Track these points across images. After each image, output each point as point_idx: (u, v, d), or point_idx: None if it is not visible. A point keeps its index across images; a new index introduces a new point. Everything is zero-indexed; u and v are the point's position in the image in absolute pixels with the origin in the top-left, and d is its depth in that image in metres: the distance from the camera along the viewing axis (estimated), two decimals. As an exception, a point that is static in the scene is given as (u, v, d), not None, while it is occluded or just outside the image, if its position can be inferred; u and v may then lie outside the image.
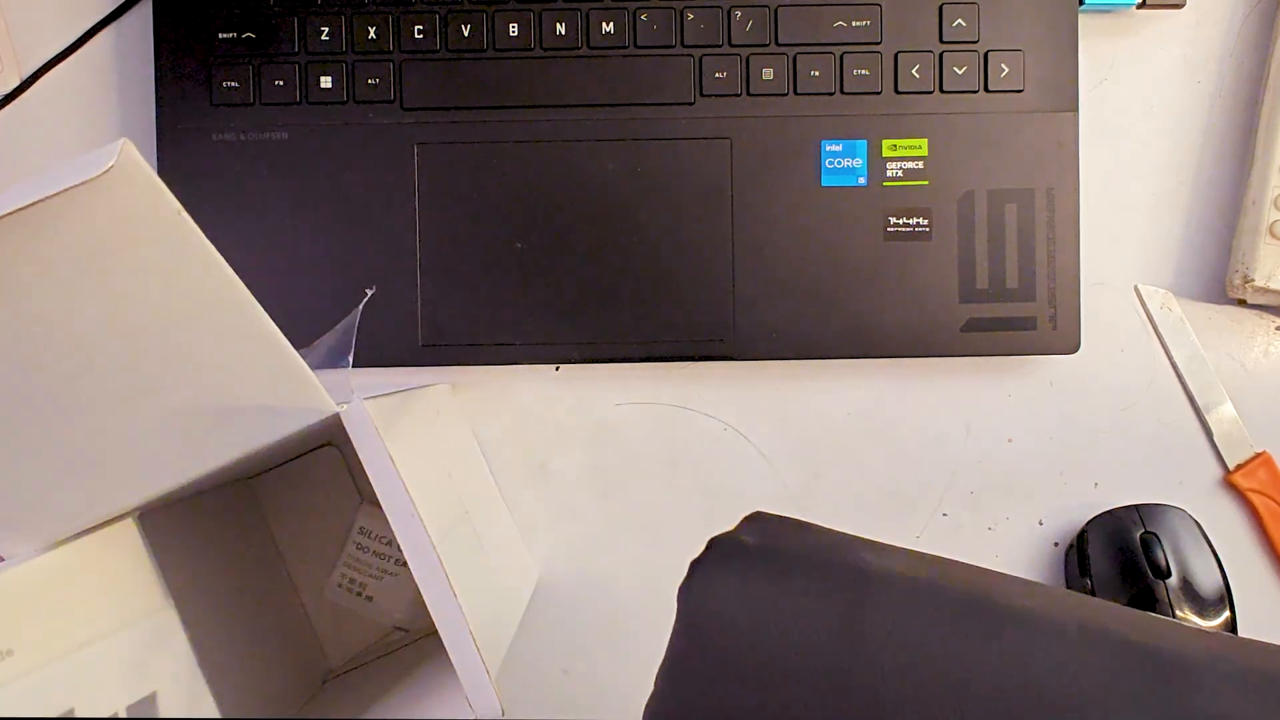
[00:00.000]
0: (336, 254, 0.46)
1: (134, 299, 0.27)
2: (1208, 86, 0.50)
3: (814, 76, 0.47)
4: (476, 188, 0.47)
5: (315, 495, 0.48)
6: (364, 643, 0.49)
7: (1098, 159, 0.49)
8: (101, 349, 0.28)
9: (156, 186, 0.26)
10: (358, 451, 0.31)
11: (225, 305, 0.29)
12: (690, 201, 0.47)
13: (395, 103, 0.47)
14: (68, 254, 0.26)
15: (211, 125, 0.47)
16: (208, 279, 0.28)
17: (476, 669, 0.31)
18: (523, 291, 0.46)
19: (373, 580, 0.48)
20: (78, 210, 0.25)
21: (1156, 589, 0.45)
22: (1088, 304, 0.48)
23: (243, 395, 0.30)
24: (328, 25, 0.47)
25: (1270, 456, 0.48)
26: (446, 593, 0.31)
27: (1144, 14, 0.49)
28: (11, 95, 0.49)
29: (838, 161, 0.47)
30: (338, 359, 0.36)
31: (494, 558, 0.41)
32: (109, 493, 0.32)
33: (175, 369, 0.29)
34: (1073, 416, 0.49)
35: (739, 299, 0.47)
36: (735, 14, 0.47)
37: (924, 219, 0.47)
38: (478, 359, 0.47)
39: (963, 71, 0.47)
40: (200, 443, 0.31)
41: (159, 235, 0.27)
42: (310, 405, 0.31)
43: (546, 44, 0.47)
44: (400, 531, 0.31)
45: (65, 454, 0.30)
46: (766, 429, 0.49)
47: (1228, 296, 0.49)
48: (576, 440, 0.49)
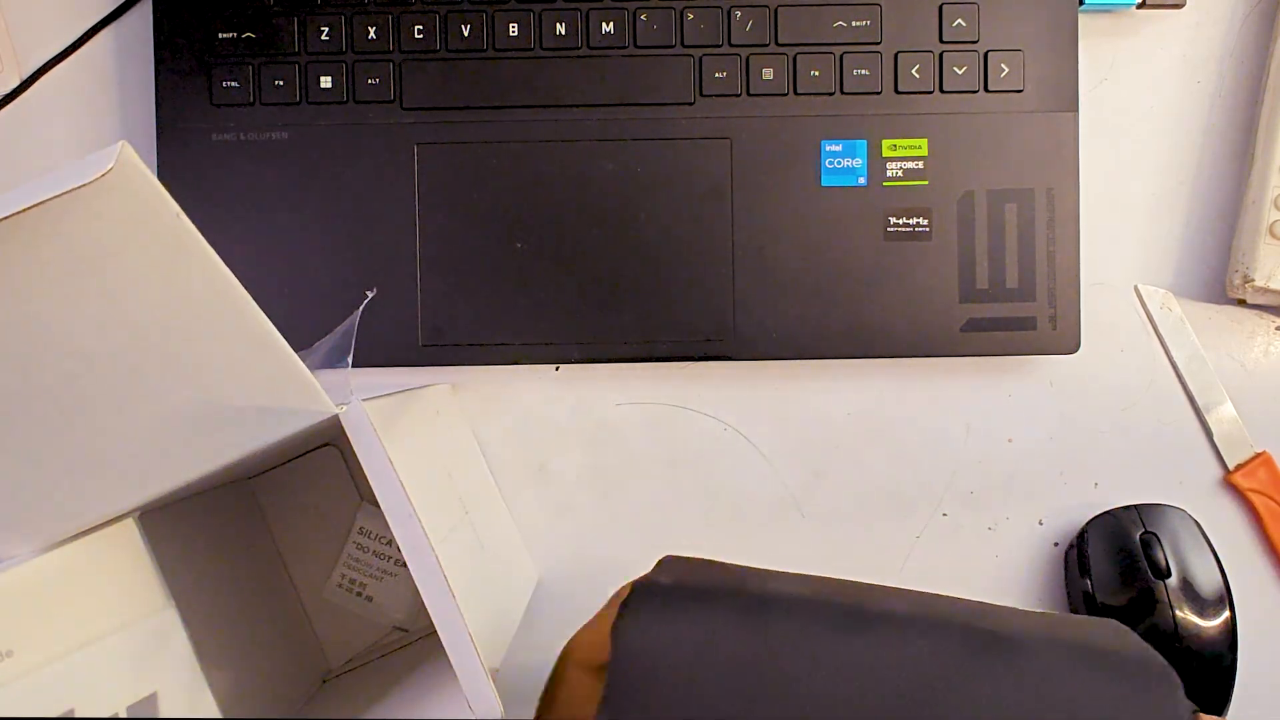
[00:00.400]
0: (337, 254, 0.46)
1: (133, 301, 0.27)
2: (1208, 86, 0.50)
3: (814, 76, 0.47)
4: (476, 188, 0.47)
5: (315, 495, 0.48)
6: (364, 643, 0.49)
7: (1098, 159, 0.49)
8: (101, 351, 0.28)
9: (155, 189, 0.26)
10: (356, 452, 0.31)
11: (224, 307, 0.29)
12: (690, 201, 0.47)
13: (395, 103, 0.47)
14: (67, 257, 0.26)
15: (211, 125, 0.47)
16: (206, 281, 0.28)
17: (475, 670, 0.31)
18: (523, 291, 0.46)
19: (372, 580, 0.48)
20: (76, 213, 0.25)
21: (1156, 589, 0.45)
22: (1088, 304, 0.48)
23: (241, 396, 0.30)
24: (328, 25, 0.47)
25: (1270, 456, 0.48)
26: (445, 593, 0.31)
27: (1144, 14, 0.49)
28: (11, 95, 0.49)
29: (838, 161, 0.47)
30: (337, 360, 0.36)
31: (494, 558, 0.41)
32: (108, 493, 0.32)
33: (174, 370, 0.29)
34: (1073, 416, 0.49)
35: (739, 299, 0.47)
36: (735, 14, 0.47)
37: (924, 219, 0.47)
38: (478, 359, 0.47)
39: (963, 71, 0.47)
40: (199, 444, 0.31)
41: (158, 238, 0.27)
42: (309, 406, 0.31)
43: (546, 44, 0.47)
44: (399, 532, 0.31)
45: (65, 455, 0.30)
46: (766, 429, 0.49)
47: (1228, 296, 0.49)
48: (576, 440, 0.49)
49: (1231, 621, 0.45)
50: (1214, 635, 0.45)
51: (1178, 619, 0.44)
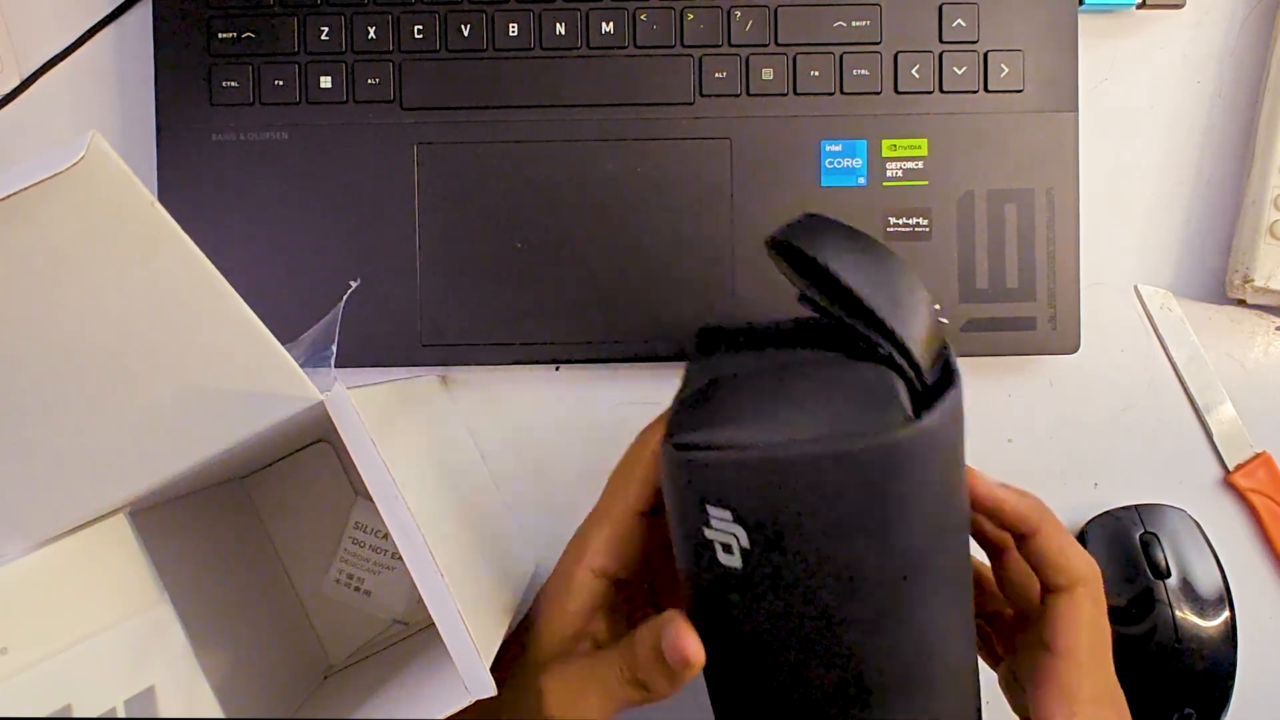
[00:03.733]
0: (336, 254, 0.46)
1: (111, 292, 0.27)
2: (1208, 86, 0.50)
3: (814, 76, 0.47)
4: (476, 188, 0.47)
5: (310, 492, 0.48)
6: (364, 637, 0.49)
7: (1098, 159, 0.49)
8: (80, 343, 0.28)
9: (128, 178, 0.26)
10: (341, 434, 0.31)
11: (203, 295, 0.29)
12: (690, 201, 0.47)
13: (395, 103, 0.47)
14: (40, 249, 0.26)
15: (211, 125, 0.47)
16: (184, 270, 0.28)
17: (468, 648, 0.31)
18: (523, 291, 0.46)
19: (370, 575, 0.48)
20: (48, 204, 0.25)
21: (1156, 589, 0.45)
22: (1088, 304, 0.48)
23: (224, 384, 0.30)
24: (328, 25, 0.47)
25: (1270, 456, 0.48)
26: (433, 572, 0.31)
27: (1144, 14, 0.49)
28: (11, 95, 0.49)
29: (837, 161, 0.47)
30: (322, 350, 0.36)
31: (486, 546, 0.41)
32: (97, 489, 0.32)
33: (156, 360, 0.29)
34: (1073, 416, 0.49)
35: (739, 299, 0.46)
36: (735, 14, 0.47)
37: (924, 219, 0.47)
38: (478, 359, 0.47)
39: (963, 71, 0.47)
40: (186, 434, 0.31)
41: (133, 227, 0.27)
42: (293, 392, 0.31)
43: (546, 44, 0.47)
44: (386, 513, 0.31)
45: (50, 451, 0.30)
46: (766, 429, 0.49)
47: (1228, 296, 0.49)
48: (576, 440, 0.49)
49: (1231, 621, 0.45)
50: (1214, 635, 0.45)
51: (1178, 619, 0.44)
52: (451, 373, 0.49)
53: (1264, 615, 0.48)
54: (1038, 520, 0.35)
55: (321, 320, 0.38)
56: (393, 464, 0.31)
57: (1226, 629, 0.45)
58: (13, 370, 0.28)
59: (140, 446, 0.31)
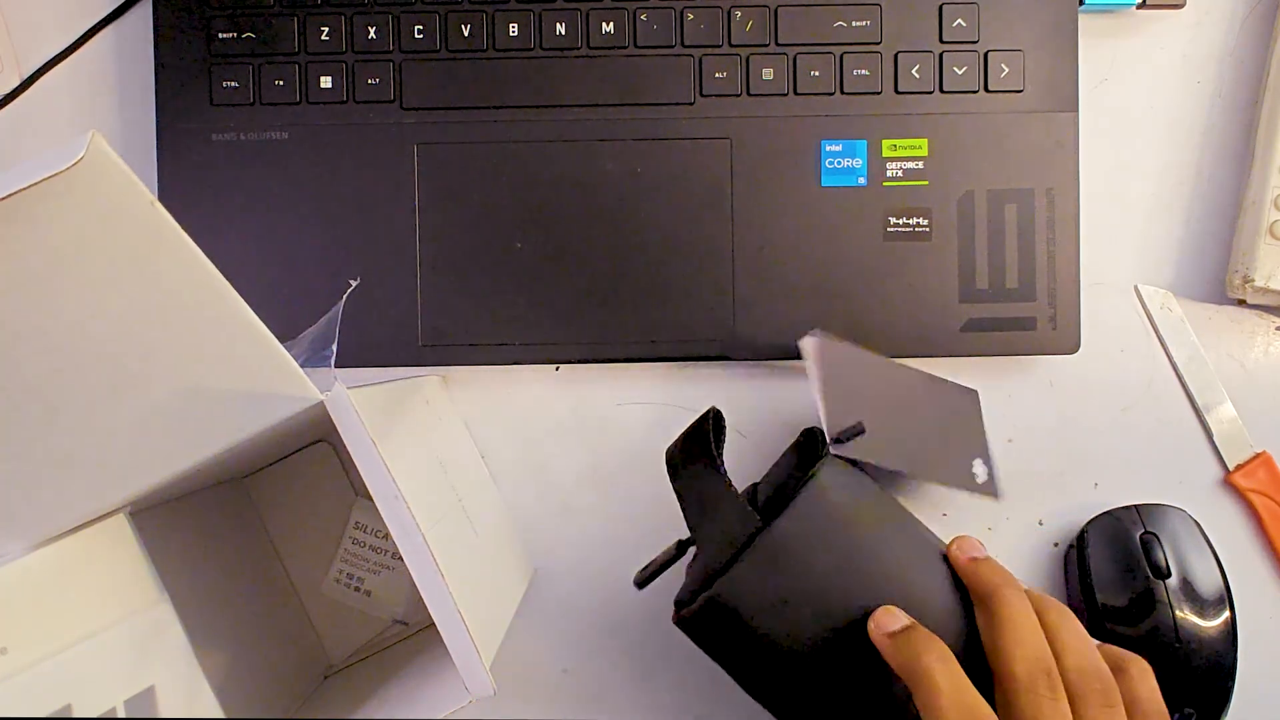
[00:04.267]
0: (336, 254, 0.46)
1: (111, 292, 0.27)
2: (1208, 86, 0.50)
3: (814, 76, 0.47)
4: (476, 188, 0.47)
5: (310, 492, 0.48)
6: (364, 637, 0.49)
7: (1098, 159, 0.49)
8: (80, 343, 0.28)
9: (128, 177, 0.26)
10: (340, 434, 0.31)
11: (203, 295, 0.29)
12: (690, 201, 0.47)
13: (395, 103, 0.47)
14: (40, 249, 0.26)
15: (211, 125, 0.47)
16: (184, 269, 0.28)
17: (467, 646, 0.31)
18: (523, 291, 0.46)
19: (370, 575, 0.48)
20: (48, 204, 0.25)
21: (1156, 589, 0.45)
22: (1088, 304, 0.48)
23: (224, 384, 0.30)
24: (328, 25, 0.47)
25: (1270, 456, 0.48)
26: (433, 571, 0.31)
27: (1144, 14, 0.49)
28: (11, 95, 0.49)
29: (838, 161, 0.47)
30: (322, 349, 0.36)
31: (487, 545, 0.41)
32: (97, 489, 0.32)
33: (155, 360, 0.29)
34: (1073, 416, 0.49)
35: (739, 299, 0.47)
36: (735, 14, 0.47)
37: (924, 219, 0.47)
38: (478, 359, 0.47)
39: (963, 71, 0.47)
40: (185, 434, 0.31)
41: (133, 227, 0.27)
42: (293, 392, 0.31)
43: (546, 44, 0.47)
44: (386, 512, 0.31)
45: (50, 451, 0.30)
46: (766, 429, 0.49)
47: (1228, 296, 0.49)
48: (576, 440, 0.49)
49: (1231, 621, 0.45)
50: (1214, 635, 0.45)
51: (1178, 619, 0.44)
52: (451, 373, 0.49)
53: (1264, 615, 0.48)
54: (990, 605, 0.36)
55: (321, 320, 0.38)
56: (393, 464, 0.31)
57: (1226, 629, 0.45)
58: (13, 370, 0.28)
59: (140, 446, 0.31)
